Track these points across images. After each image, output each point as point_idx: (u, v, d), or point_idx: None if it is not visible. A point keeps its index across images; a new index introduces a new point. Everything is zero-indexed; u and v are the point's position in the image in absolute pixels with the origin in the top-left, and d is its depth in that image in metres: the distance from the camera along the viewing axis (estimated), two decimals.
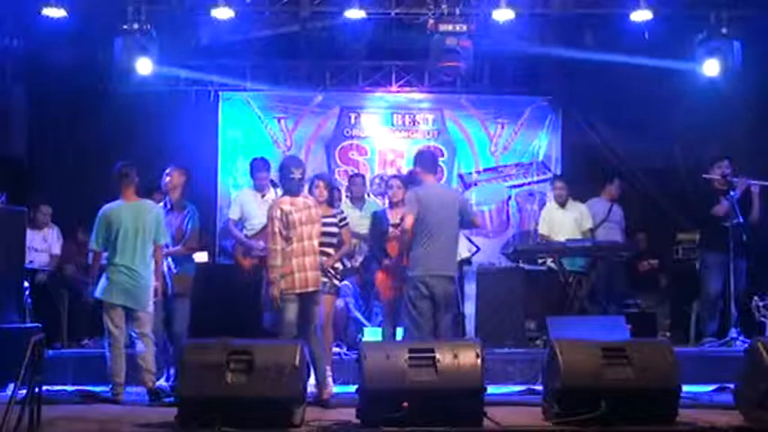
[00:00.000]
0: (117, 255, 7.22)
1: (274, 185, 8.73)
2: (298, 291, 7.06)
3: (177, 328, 7.91)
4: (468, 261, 9.92)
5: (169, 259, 7.87)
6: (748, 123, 10.18)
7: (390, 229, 8.10)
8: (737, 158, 9.58)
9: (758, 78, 9.91)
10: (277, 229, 7.08)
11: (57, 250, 9.62)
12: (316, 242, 7.21)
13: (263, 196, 8.83)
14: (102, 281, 7.25)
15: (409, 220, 7.44)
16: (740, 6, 9.61)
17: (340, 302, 8.44)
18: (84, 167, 10.39)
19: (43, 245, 9.52)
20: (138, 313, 7.21)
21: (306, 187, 7.52)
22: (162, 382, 7.51)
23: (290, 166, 7.35)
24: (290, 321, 7.07)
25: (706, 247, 9.51)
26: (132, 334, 7.24)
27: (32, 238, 9.18)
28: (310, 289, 7.12)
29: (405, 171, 9.69)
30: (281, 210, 7.14)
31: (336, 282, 7.79)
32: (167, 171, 8.14)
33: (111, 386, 7.12)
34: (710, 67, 9.65)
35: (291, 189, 7.28)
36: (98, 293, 7.27)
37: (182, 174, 8.14)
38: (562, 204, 10.07)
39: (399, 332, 7.89)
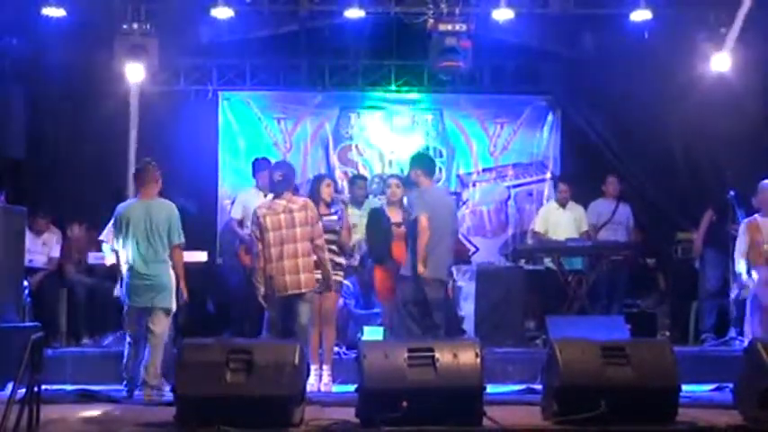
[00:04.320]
0: (129, 256, 7.18)
1: None
2: (277, 294, 7.27)
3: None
4: (467, 261, 9.94)
5: None
6: (748, 123, 10.17)
7: (395, 229, 8.12)
8: (737, 159, 9.60)
9: (758, 78, 9.90)
10: (256, 234, 7.38)
11: (55, 253, 9.61)
12: (302, 245, 7.30)
13: (265, 195, 8.86)
14: (123, 284, 7.26)
15: (424, 221, 7.53)
16: (740, 6, 9.60)
17: (340, 302, 8.44)
18: (83, 167, 10.38)
19: (43, 248, 9.51)
20: (154, 310, 7.14)
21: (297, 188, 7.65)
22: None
23: (273, 168, 7.75)
24: (270, 322, 7.33)
25: (706, 244, 9.55)
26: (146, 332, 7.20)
27: (32, 241, 9.16)
28: (290, 292, 7.27)
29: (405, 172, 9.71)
30: (256, 214, 7.45)
31: (340, 279, 7.83)
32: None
33: (123, 383, 7.18)
34: (721, 62, 9.65)
35: (274, 190, 7.57)
36: (122, 296, 7.30)
37: None
38: (562, 205, 10.13)
39: None
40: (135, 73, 9.48)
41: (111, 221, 7.51)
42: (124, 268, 7.24)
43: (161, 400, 6.80)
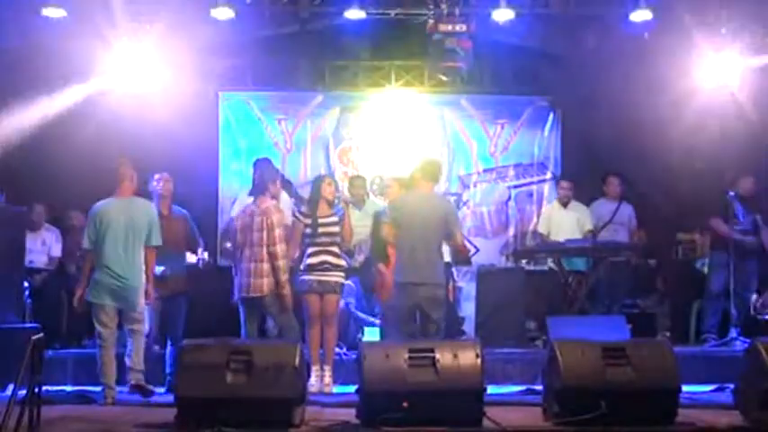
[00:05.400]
0: (104, 255, 7.07)
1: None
2: (239, 295, 7.51)
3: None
4: (468, 262, 9.93)
5: None
6: (748, 123, 10.18)
7: None
8: (736, 158, 9.61)
9: (757, 78, 9.91)
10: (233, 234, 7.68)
11: (56, 252, 9.60)
12: (259, 249, 7.45)
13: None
14: (92, 282, 7.17)
15: (385, 230, 7.59)
16: (740, 6, 9.61)
17: (341, 302, 8.44)
18: (83, 168, 10.36)
19: (42, 247, 9.50)
20: (129, 313, 7.15)
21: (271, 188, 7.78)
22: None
23: (253, 167, 7.98)
24: (242, 323, 7.54)
25: (712, 248, 9.59)
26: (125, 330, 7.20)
27: (31, 241, 9.14)
28: (251, 295, 7.45)
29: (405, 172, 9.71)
30: (235, 216, 7.83)
31: (341, 280, 7.84)
32: (158, 177, 8.08)
33: (102, 388, 7.08)
34: (722, 64, 9.68)
35: (250, 193, 7.84)
36: (88, 294, 7.18)
37: (170, 179, 8.18)
38: (564, 205, 10.11)
39: None
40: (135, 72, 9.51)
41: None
42: (97, 269, 7.12)
43: (150, 389, 6.92)
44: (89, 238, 7.17)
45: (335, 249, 7.81)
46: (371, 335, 8.73)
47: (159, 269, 7.65)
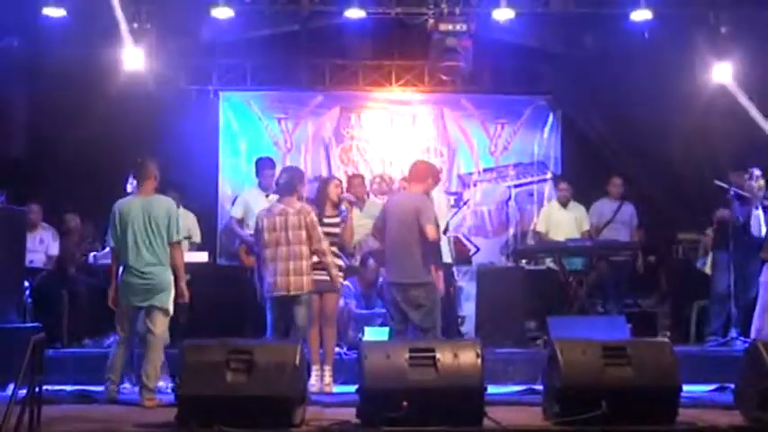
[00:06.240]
0: (127, 255, 6.97)
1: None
2: (271, 295, 7.36)
3: None
4: (468, 261, 9.93)
5: None
6: (749, 122, 10.18)
7: None
8: (736, 157, 9.60)
9: (758, 78, 9.91)
10: (257, 234, 7.54)
11: (54, 251, 9.59)
12: (296, 248, 7.34)
13: (267, 195, 8.87)
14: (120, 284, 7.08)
15: (372, 230, 7.88)
16: (740, 6, 9.61)
17: (341, 302, 8.45)
18: (84, 168, 10.38)
19: (40, 246, 9.50)
20: (154, 312, 6.93)
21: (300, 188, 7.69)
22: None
23: (281, 171, 7.97)
24: (270, 323, 7.41)
25: (716, 247, 9.54)
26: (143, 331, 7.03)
27: (29, 240, 9.11)
28: (279, 293, 7.34)
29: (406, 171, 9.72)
30: (257, 215, 7.60)
31: (340, 280, 7.84)
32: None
33: (104, 386, 7.02)
34: (722, 72, 9.69)
35: (277, 193, 7.80)
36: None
37: None
38: (564, 205, 10.13)
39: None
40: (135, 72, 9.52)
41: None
42: (120, 267, 7.04)
43: (162, 402, 6.77)
44: (112, 237, 7.11)
45: (335, 249, 7.82)
46: (376, 335, 8.73)
47: None
